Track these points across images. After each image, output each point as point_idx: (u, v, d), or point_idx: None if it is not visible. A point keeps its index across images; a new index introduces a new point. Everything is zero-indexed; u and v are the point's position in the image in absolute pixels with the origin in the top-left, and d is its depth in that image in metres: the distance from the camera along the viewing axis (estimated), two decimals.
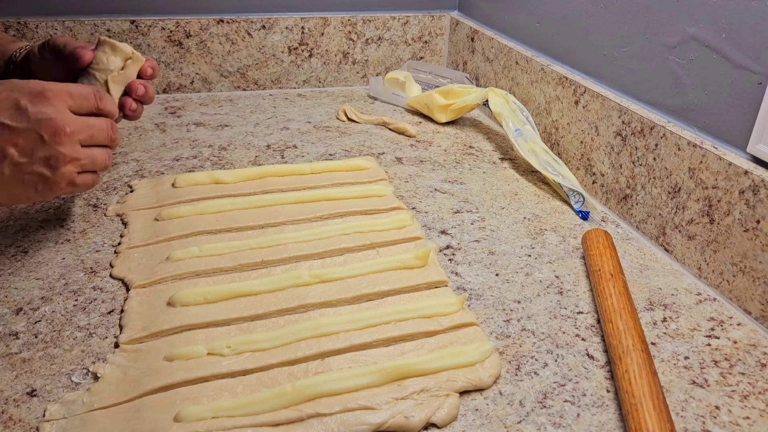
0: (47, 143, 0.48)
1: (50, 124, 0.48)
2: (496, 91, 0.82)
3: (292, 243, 0.59)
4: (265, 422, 0.41)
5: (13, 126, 0.47)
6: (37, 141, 0.48)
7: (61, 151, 0.49)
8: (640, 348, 0.45)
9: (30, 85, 0.49)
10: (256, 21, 0.99)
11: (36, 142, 0.48)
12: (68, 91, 0.50)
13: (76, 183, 0.52)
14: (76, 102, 0.51)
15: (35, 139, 0.48)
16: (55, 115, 0.49)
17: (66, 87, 0.51)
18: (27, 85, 0.49)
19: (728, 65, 0.56)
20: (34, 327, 0.49)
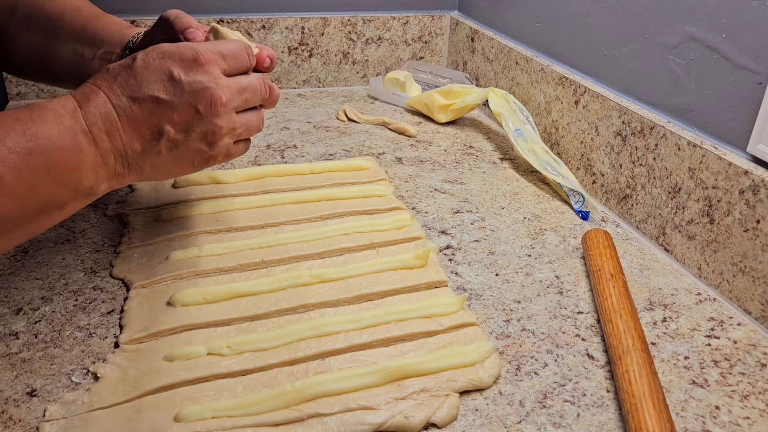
0: (203, 116, 0.45)
1: (206, 95, 0.45)
2: (496, 91, 0.82)
3: (292, 243, 0.59)
4: (265, 422, 0.41)
5: (168, 100, 0.44)
6: (193, 115, 0.45)
7: (218, 123, 0.46)
8: (640, 348, 0.45)
9: (182, 50, 0.45)
10: (256, 21, 0.99)
11: (192, 115, 0.45)
12: (221, 53, 0.47)
13: (231, 153, 0.50)
14: (229, 64, 0.47)
15: (191, 112, 0.45)
16: (210, 83, 0.45)
17: (218, 47, 0.47)
18: (179, 50, 0.45)
19: (728, 65, 0.56)
20: (34, 327, 0.49)
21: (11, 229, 0.40)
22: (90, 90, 0.44)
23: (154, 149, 0.45)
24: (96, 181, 0.43)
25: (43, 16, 0.65)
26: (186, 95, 0.45)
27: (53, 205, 0.42)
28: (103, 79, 0.45)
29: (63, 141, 0.41)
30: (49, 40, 0.65)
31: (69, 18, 0.64)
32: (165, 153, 0.46)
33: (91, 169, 0.43)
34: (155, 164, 0.46)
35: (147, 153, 0.45)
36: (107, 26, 0.64)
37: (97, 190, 0.44)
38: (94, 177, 0.43)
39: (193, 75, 0.45)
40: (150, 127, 0.44)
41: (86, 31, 0.64)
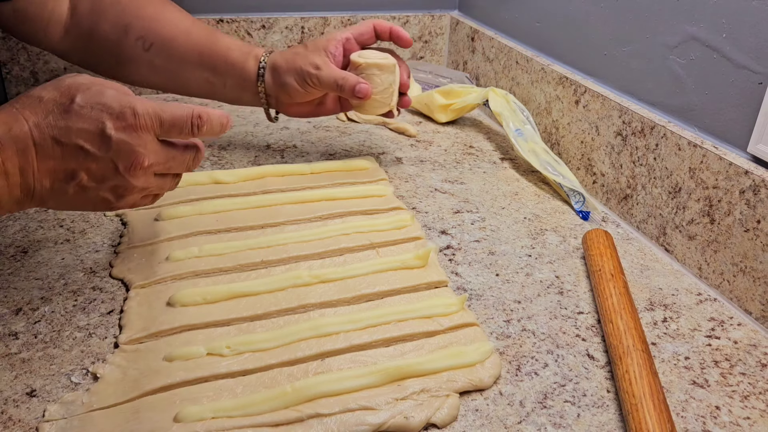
0: (120, 174, 0.46)
1: (130, 157, 0.45)
2: (497, 91, 0.82)
3: (292, 243, 0.58)
4: (264, 423, 0.41)
5: (92, 152, 0.44)
6: (110, 170, 0.45)
7: (133, 183, 0.47)
8: (640, 348, 0.45)
9: (122, 106, 0.45)
10: (256, 21, 0.99)
11: (110, 170, 0.45)
12: (160, 119, 0.46)
13: (136, 204, 0.50)
14: (165, 131, 0.47)
15: (110, 168, 0.45)
16: (138, 147, 0.45)
17: (160, 113, 0.46)
18: (119, 105, 0.45)
19: (729, 65, 0.56)
20: (34, 327, 0.49)
21: None
22: (14, 119, 0.43)
23: (62, 189, 0.45)
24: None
25: (157, 39, 0.70)
26: (111, 152, 0.44)
27: None
28: (32, 111, 0.43)
29: None
30: (170, 63, 0.71)
31: (183, 42, 0.69)
32: (71, 194, 0.46)
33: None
34: (59, 200, 0.46)
35: (54, 191, 0.45)
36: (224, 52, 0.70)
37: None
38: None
39: (125, 135, 0.44)
40: (65, 170, 0.44)
41: (204, 57, 0.70)
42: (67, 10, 0.70)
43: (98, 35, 0.70)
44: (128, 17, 0.70)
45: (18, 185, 0.43)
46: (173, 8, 0.72)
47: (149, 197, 0.51)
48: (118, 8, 0.70)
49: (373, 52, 0.69)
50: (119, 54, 0.71)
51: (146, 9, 0.70)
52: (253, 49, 0.71)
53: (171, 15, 0.71)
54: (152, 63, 0.71)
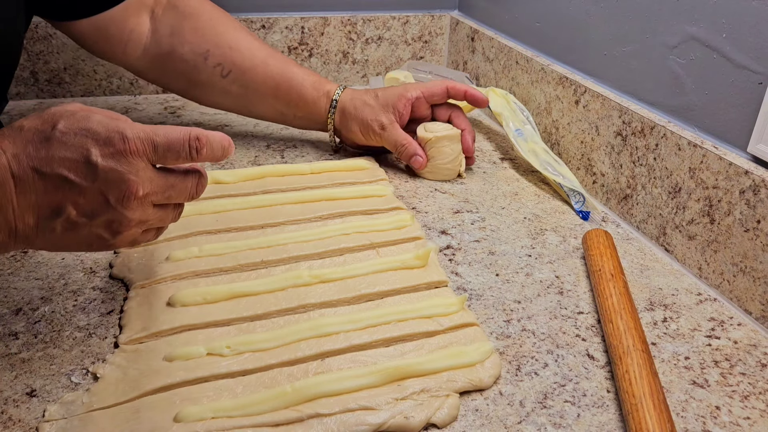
0: (112, 206, 0.41)
1: (121, 187, 0.40)
2: (497, 91, 0.82)
3: (292, 243, 0.58)
4: (264, 423, 0.41)
5: (77, 182, 0.39)
6: (101, 203, 0.40)
7: (128, 216, 0.41)
8: (640, 348, 0.45)
9: (110, 131, 0.40)
10: (256, 21, 0.99)
11: (100, 203, 0.40)
12: (153, 143, 0.41)
13: (137, 241, 0.46)
14: (160, 156, 0.42)
15: (100, 200, 0.40)
16: (129, 175, 0.40)
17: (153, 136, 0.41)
18: (106, 131, 0.40)
19: (729, 65, 0.56)
20: (34, 327, 0.49)
21: None
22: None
23: (49, 226, 0.40)
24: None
25: (235, 67, 0.73)
26: (98, 182, 0.40)
27: None
28: (11, 140, 0.39)
29: None
30: (246, 91, 0.75)
31: (260, 73, 0.73)
32: (60, 232, 0.41)
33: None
34: (47, 240, 0.41)
35: (40, 229, 0.40)
36: (299, 88, 0.74)
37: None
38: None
39: (113, 162, 0.40)
40: (50, 204, 0.40)
41: (279, 90, 0.74)
42: (148, 31, 0.73)
43: (177, 57, 0.73)
44: (208, 44, 0.72)
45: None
46: (251, 37, 0.75)
47: (151, 232, 0.46)
48: (198, 33, 0.72)
49: (437, 125, 0.75)
50: (196, 77, 0.74)
51: (226, 36, 0.73)
52: (325, 84, 0.75)
53: (249, 44, 0.74)
54: (227, 89, 0.75)
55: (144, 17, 0.73)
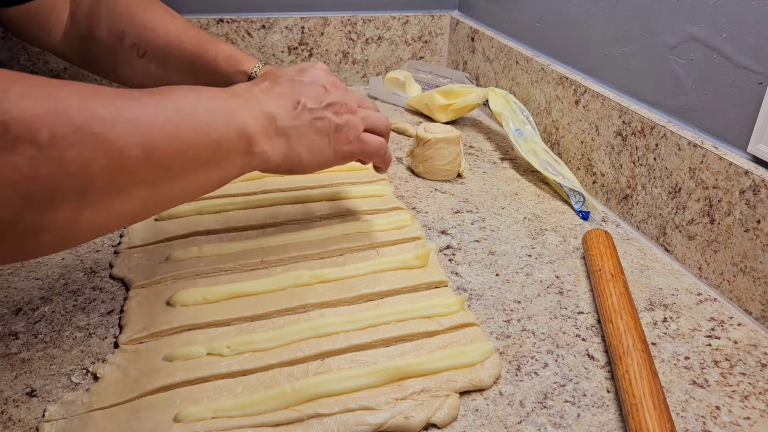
0: (329, 91, 0.54)
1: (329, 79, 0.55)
2: (497, 91, 0.82)
3: (292, 243, 0.59)
4: (264, 423, 0.41)
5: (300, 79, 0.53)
6: (321, 90, 0.54)
7: (342, 99, 0.54)
8: (640, 348, 0.45)
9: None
10: (255, 21, 0.99)
11: (321, 91, 0.54)
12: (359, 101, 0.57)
13: (362, 139, 0.55)
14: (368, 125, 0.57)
15: (320, 90, 0.54)
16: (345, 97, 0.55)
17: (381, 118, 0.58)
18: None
19: (729, 65, 0.56)
20: (34, 327, 0.49)
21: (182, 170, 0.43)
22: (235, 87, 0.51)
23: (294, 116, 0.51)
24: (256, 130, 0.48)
25: (150, 46, 0.71)
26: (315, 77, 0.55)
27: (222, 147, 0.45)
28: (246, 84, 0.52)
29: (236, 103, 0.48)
30: (164, 70, 0.72)
31: (175, 51, 0.70)
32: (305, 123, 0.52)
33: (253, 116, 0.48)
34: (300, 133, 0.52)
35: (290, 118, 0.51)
36: (212, 64, 0.71)
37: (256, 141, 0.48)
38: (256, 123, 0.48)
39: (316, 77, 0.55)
40: (290, 98, 0.52)
41: (195, 66, 0.71)
42: (68, 14, 0.72)
43: (95, 39, 0.71)
44: (123, 24, 0.71)
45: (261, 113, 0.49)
46: (168, 15, 0.73)
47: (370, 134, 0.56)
48: (113, 14, 0.71)
49: (437, 126, 0.75)
50: (115, 58, 0.72)
51: (141, 16, 0.71)
52: (243, 61, 0.71)
53: (164, 22, 0.72)
54: (146, 70, 0.73)
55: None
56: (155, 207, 0.43)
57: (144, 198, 0.41)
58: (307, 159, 0.53)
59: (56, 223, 0.36)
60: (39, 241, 0.36)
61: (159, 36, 0.71)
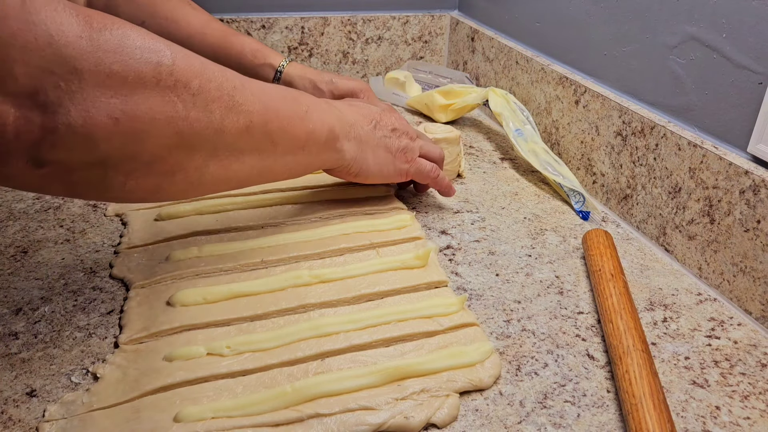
0: (397, 120, 0.62)
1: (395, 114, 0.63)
2: (497, 91, 0.82)
3: (292, 243, 0.59)
4: (264, 423, 0.41)
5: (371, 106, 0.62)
6: (392, 118, 0.61)
7: (405, 128, 0.62)
8: (640, 348, 0.45)
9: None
10: (255, 21, 0.99)
11: (391, 118, 0.61)
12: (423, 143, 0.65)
13: (418, 161, 0.63)
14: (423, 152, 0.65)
15: (390, 117, 0.61)
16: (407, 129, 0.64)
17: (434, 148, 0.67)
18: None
19: (729, 65, 0.56)
20: (34, 327, 0.49)
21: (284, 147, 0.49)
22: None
23: (369, 129, 0.59)
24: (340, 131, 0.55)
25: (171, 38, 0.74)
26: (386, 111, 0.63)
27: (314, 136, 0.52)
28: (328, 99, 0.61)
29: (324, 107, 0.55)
30: None
31: (198, 42, 0.72)
32: (377, 137, 0.59)
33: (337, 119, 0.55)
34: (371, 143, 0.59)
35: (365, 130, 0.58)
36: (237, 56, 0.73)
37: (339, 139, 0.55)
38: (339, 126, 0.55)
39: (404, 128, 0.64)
40: (368, 117, 0.59)
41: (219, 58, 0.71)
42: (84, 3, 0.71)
43: None
44: (143, 15, 0.71)
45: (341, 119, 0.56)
46: (189, 7, 0.73)
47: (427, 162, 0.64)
48: (132, 5, 0.71)
49: (437, 126, 0.75)
50: None
51: (162, 7, 0.71)
52: (269, 55, 0.73)
53: (186, 13, 0.72)
54: None
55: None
56: (259, 176, 0.49)
57: (253, 164, 0.47)
58: (372, 167, 0.59)
59: (190, 166, 0.42)
60: (174, 181, 0.42)
61: (181, 28, 0.72)
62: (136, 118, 0.37)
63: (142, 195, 0.42)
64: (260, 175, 0.49)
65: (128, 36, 0.37)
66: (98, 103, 0.36)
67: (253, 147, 0.46)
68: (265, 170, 0.49)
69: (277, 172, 0.51)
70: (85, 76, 0.35)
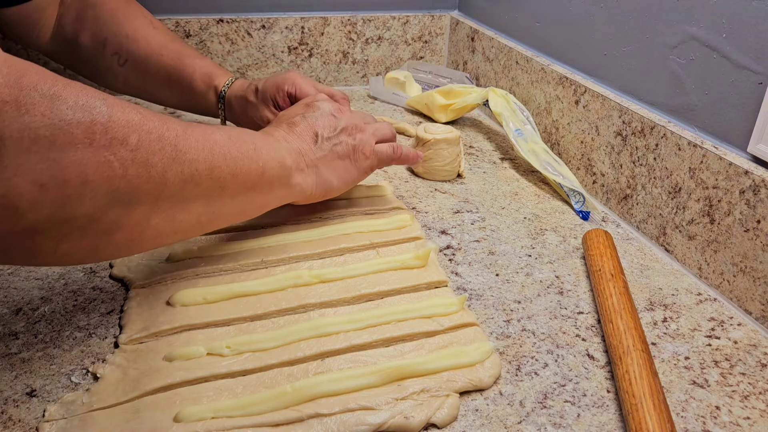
0: (338, 118, 0.59)
1: (333, 106, 0.60)
2: (497, 91, 0.82)
3: (292, 243, 0.59)
4: (264, 423, 0.41)
5: (310, 115, 0.58)
6: (332, 119, 0.59)
7: (351, 121, 0.59)
8: (640, 348, 0.45)
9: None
10: (255, 21, 0.99)
11: (331, 120, 0.59)
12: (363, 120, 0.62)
13: (376, 150, 0.61)
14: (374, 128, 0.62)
15: (330, 119, 0.59)
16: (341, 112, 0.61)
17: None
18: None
19: (729, 65, 0.56)
20: (34, 327, 0.49)
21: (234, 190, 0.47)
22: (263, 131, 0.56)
23: (317, 148, 0.57)
24: (291, 163, 0.53)
25: (131, 56, 0.73)
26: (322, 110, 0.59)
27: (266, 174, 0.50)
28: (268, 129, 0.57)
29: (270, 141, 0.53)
30: (144, 81, 0.74)
31: (154, 63, 0.73)
32: (327, 152, 0.57)
33: (286, 151, 0.53)
34: (325, 161, 0.57)
35: (314, 151, 0.56)
36: (189, 80, 0.73)
37: (292, 174, 0.53)
38: (290, 158, 0.53)
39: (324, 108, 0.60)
40: (308, 134, 0.57)
41: (172, 81, 0.73)
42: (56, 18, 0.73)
43: (79, 44, 0.73)
44: (107, 32, 0.72)
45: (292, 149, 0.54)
46: (150, 27, 0.74)
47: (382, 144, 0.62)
48: (98, 22, 0.73)
49: (437, 127, 0.75)
50: (97, 65, 0.74)
51: (125, 26, 0.73)
52: (216, 77, 0.72)
53: (146, 33, 0.73)
54: (127, 78, 0.75)
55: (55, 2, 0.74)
56: (207, 223, 0.47)
57: (200, 212, 0.45)
58: (336, 183, 0.58)
59: (129, 222, 0.39)
60: (112, 240, 0.39)
61: (140, 47, 0.73)
62: (67, 182, 0.34)
63: (78, 258, 0.40)
64: (209, 221, 0.47)
65: (60, 96, 0.34)
66: (21, 171, 0.33)
67: (198, 194, 0.44)
68: (215, 216, 0.47)
69: (228, 216, 0.49)
70: (7, 144, 0.32)
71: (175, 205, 0.42)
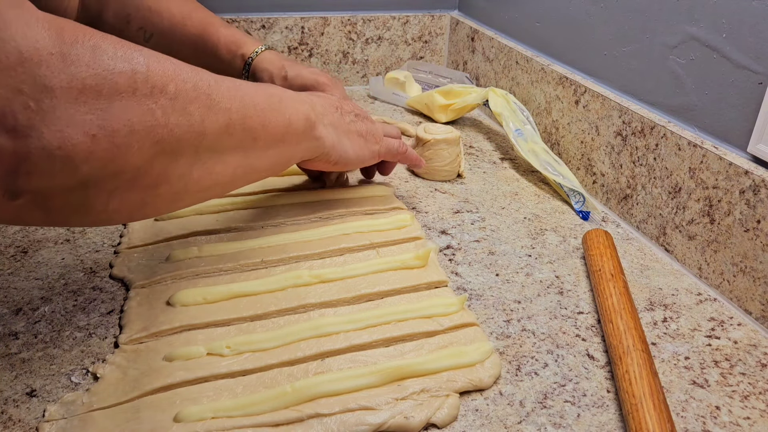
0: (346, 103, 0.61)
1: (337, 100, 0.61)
2: (497, 91, 0.82)
3: (292, 243, 0.58)
4: (264, 423, 0.41)
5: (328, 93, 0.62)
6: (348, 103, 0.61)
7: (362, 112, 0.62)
8: (640, 348, 0.45)
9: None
10: (256, 21, 0.99)
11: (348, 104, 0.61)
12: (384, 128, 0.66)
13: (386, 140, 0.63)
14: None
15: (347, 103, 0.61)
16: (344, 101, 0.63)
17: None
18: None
19: (729, 65, 0.56)
20: (34, 327, 0.49)
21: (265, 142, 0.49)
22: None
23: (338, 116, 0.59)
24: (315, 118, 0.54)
25: (156, 30, 0.73)
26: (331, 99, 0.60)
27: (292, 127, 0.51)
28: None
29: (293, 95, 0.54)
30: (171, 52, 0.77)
31: (180, 34, 0.72)
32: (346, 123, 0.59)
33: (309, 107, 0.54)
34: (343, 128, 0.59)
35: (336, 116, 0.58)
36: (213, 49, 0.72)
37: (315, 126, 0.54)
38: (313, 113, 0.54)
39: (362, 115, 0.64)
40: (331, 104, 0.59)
41: (199, 51, 0.72)
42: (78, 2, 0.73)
43: (103, 23, 0.72)
44: (129, 7, 0.72)
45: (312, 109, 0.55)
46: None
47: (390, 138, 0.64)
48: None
49: (437, 127, 0.75)
50: None
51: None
52: (243, 45, 0.72)
53: (169, 4, 0.73)
54: None
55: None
56: (243, 176, 0.49)
57: (236, 164, 0.46)
58: (351, 153, 0.59)
59: (174, 175, 0.41)
60: (158, 193, 0.41)
61: (164, 19, 0.72)
62: (115, 132, 0.36)
63: (126, 214, 0.41)
64: (245, 174, 0.49)
65: (100, 47, 0.35)
66: (73, 121, 0.34)
67: (234, 145, 0.46)
68: (249, 168, 0.49)
69: (261, 169, 0.51)
70: (57, 94, 0.33)
71: (213, 156, 0.44)
